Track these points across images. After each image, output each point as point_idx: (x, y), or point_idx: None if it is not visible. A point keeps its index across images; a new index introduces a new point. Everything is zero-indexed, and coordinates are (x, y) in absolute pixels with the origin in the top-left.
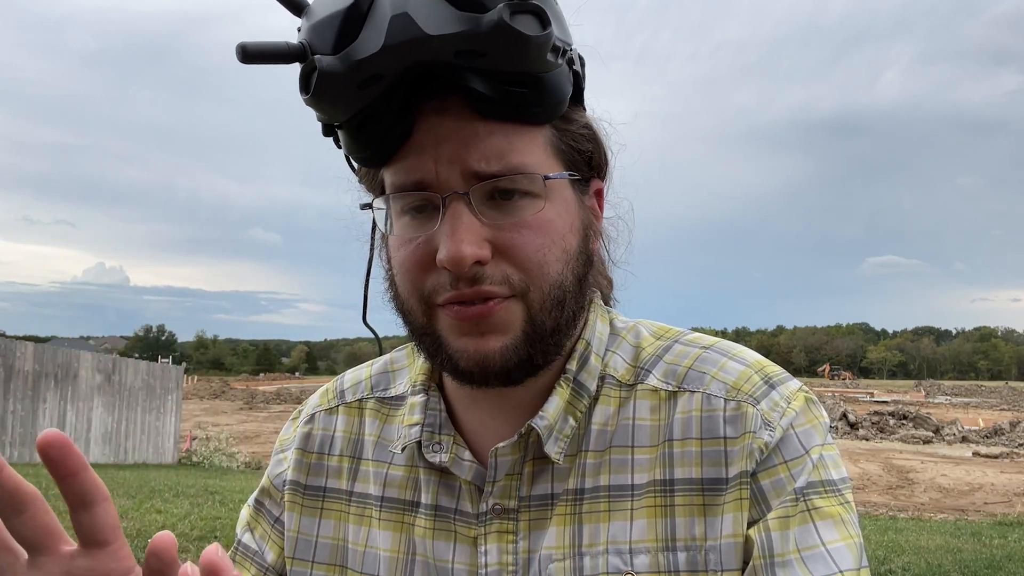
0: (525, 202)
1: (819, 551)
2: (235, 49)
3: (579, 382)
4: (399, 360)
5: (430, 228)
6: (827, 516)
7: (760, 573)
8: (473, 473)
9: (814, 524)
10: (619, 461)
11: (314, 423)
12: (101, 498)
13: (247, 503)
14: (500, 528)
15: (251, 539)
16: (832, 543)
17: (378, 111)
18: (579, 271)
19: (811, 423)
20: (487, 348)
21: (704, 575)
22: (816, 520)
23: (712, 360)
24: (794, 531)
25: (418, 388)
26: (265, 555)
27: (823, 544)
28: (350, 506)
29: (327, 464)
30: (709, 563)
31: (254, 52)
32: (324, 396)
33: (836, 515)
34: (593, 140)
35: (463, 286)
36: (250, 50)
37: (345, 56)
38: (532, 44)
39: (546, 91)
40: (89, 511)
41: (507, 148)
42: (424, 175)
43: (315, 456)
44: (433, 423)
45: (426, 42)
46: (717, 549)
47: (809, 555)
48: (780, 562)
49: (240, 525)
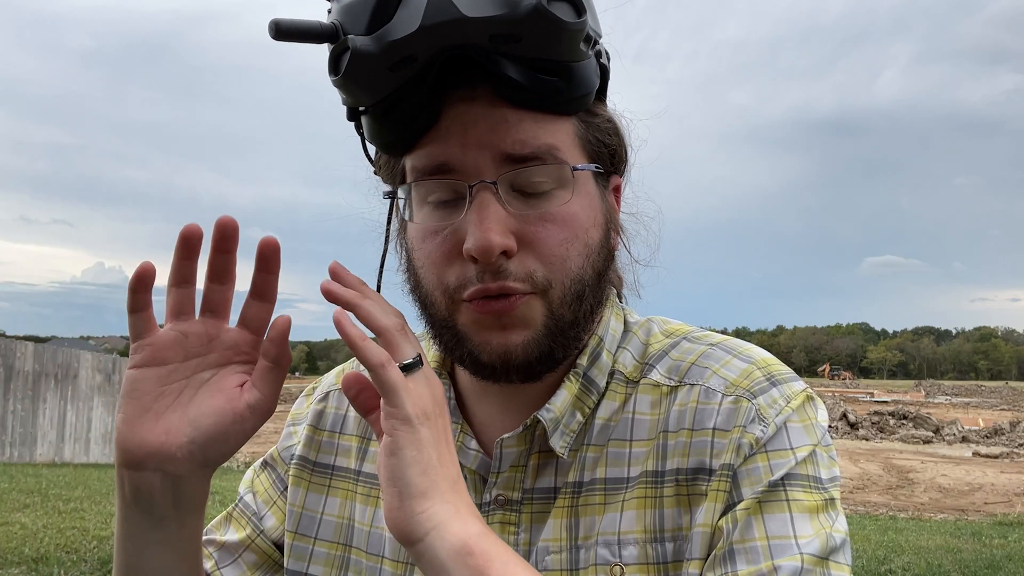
0: (552, 193)
1: (789, 542)
2: (268, 25)
3: (589, 378)
4: None
5: (455, 218)
6: (804, 510)
7: (723, 558)
8: (478, 462)
9: (790, 515)
10: (616, 454)
11: (328, 401)
12: (272, 300)
13: (253, 466)
14: (503, 519)
15: (252, 500)
16: (804, 537)
17: (407, 95)
18: (599, 266)
19: (804, 422)
20: (510, 342)
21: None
22: (793, 512)
23: (716, 357)
24: (764, 519)
25: None
26: (264, 519)
27: (795, 536)
28: (358, 485)
29: (338, 443)
30: (684, 552)
31: (287, 29)
32: (340, 376)
33: (814, 510)
34: (616, 134)
35: (488, 279)
36: (283, 27)
37: (379, 37)
38: (567, 31)
39: (575, 81)
40: (261, 304)
41: (537, 134)
42: (449, 158)
43: (326, 434)
44: None
45: (463, 24)
46: (691, 538)
47: (777, 544)
48: (742, 548)
49: (244, 484)
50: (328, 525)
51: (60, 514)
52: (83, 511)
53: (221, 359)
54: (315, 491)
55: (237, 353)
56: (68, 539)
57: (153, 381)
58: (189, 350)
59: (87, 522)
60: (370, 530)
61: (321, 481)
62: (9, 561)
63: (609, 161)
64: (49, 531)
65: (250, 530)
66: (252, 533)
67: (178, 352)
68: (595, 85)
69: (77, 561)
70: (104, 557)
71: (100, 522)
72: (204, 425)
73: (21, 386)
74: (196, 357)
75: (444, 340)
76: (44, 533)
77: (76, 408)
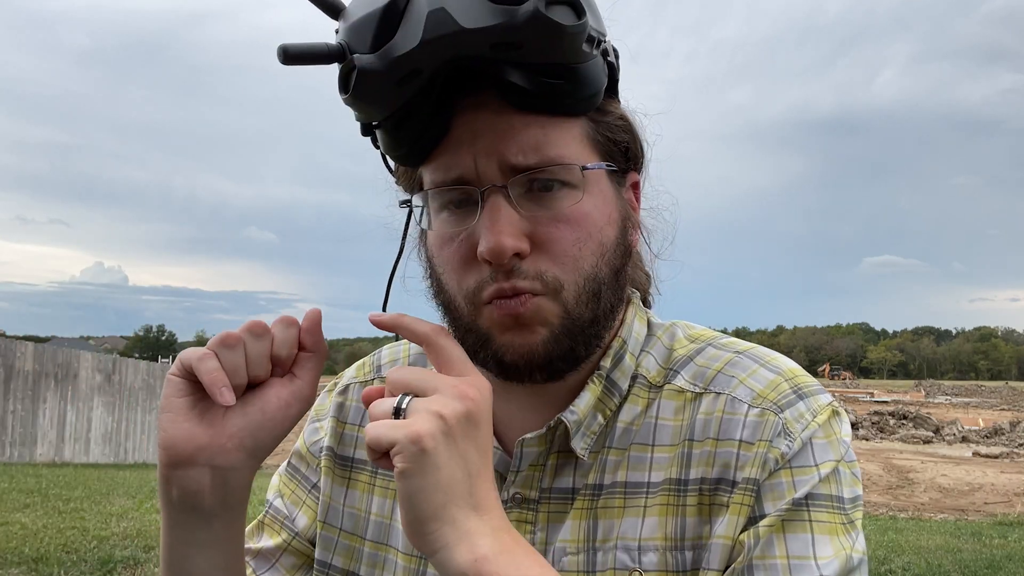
0: (563, 193)
1: (809, 563)
2: (276, 51)
3: (611, 380)
4: None
5: (469, 223)
6: (825, 531)
7: (742, 573)
8: (497, 460)
9: (811, 536)
10: (638, 459)
11: (348, 394)
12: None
13: (279, 471)
14: (519, 517)
15: (282, 504)
16: (824, 559)
17: (416, 108)
18: (616, 263)
19: (829, 438)
20: (532, 340)
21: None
22: (814, 533)
23: (743, 365)
24: (786, 538)
25: None
26: (296, 520)
27: (815, 558)
28: (376, 478)
29: (357, 435)
30: (701, 561)
31: (295, 54)
32: (360, 369)
33: (834, 531)
34: (628, 131)
35: (501, 279)
36: (291, 52)
37: (384, 54)
38: (567, 34)
39: (581, 82)
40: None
41: (544, 140)
42: (464, 171)
43: (347, 426)
44: None
45: (463, 36)
46: (709, 548)
47: (797, 564)
48: (762, 565)
49: (271, 491)
50: (349, 517)
51: (60, 514)
52: (83, 511)
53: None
54: (339, 483)
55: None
56: (68, 539)
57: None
58: None
59: (87, 522)
60: (388, 523)
61: (343, 473)
62: (9, 561)
63: (623, 158)
64: (49, 531)
65: (285, 534)
66: (287, 537)
67: None
68: (603, 84)
69: (77, 561)
70: (104, 557)
71: (100, 522)
72: (251, 412)
73: (21, 386)
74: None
75: (468, 343)
76: (44, 533)
77: (76, 408)
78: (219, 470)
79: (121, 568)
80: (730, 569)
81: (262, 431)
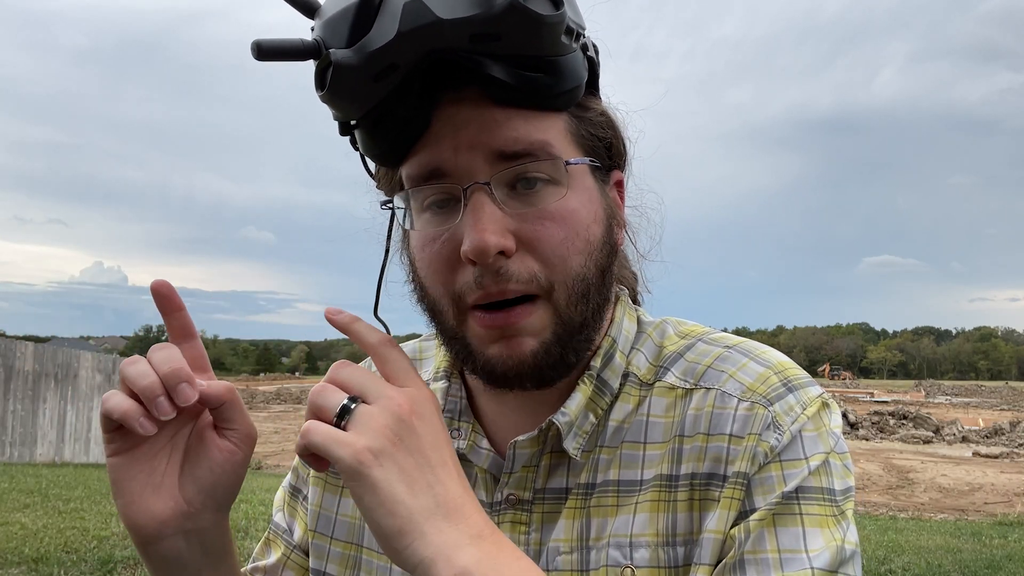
0: (547, 190)
1: (800, 556)
2: (250, 46)
3: (602, 379)
4: (427, 349)
5: (452, 222)
6: (816, 523)
7: (733, 568)
8: (490, 462)
9: (802, 529)
10: (630, 456)
11: None
12: (193, 334)
13: (282, 484)
14: (514, 519)
15: (281, 518)
16: (815, 550)
17: (394, 104)
18: (602, 262)
19: (819, 430)
20: (520, 351)
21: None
22: (805, 526)
23: (733, 359)
24: (776, 532)
25: (440, 375)
26: (293, 532)
27: (806, 550)
28: None
29: None
30: (693, 556)
31: (269, 49)
32: None
33: (825, 523)
34: (611, 127)
35: (488, 281)
36: (265, 47)
37: (360, 48)
38: (545, 24)
39: (561, 75)
40: (188, 343)
41: (527, 130)
42: (442, 163)
43: None
44: (453, 410)
45: (440, 27)
46: (700, 543)
47: (788, 557)
48: (753, 559)
49: (274, 506)
50: (342, 525)
51: (60, 514)
52: (83, 511)
53: (192, 412)
54: (331, 492)
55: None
56: (68, 539)
57: (138, 462)
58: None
59: (87, 522)
60: None
61: (336, 482)
62: (9, 561)
63: (606, 155)
64: (49, 531)
65: (284, 547)
66: (286, 550)
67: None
68: (583, 79)
69: (77, 561)
70: (104, 557)
71: (100, 522)
72: (202, 476)
73: (21, 386)
74: (168, 424)
75: (455, 350)
76: (44, 533)
77: (76, 408)
78: (191, 532)
79: (121, 568)
80: (721, 564)
81: (218, 487)
